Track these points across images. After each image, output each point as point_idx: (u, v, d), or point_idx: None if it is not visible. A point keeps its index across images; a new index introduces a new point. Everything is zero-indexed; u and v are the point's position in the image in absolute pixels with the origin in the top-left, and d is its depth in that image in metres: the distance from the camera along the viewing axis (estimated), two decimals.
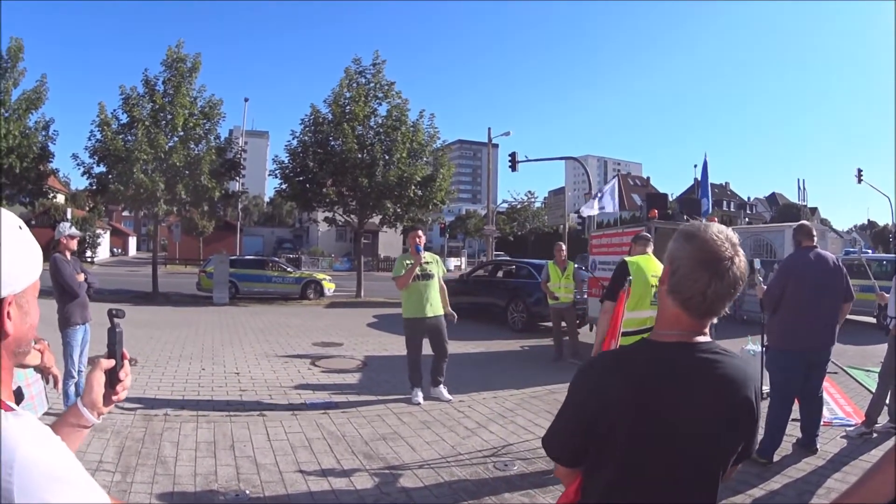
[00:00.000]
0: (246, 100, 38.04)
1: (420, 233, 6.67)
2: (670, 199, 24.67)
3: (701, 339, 1.51)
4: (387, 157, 18.83)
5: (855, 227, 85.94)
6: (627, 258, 4.94)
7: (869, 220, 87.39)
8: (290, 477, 4.33)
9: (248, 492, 4.04)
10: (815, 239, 5.52)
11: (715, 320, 1.55)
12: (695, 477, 1.47)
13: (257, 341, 10.66)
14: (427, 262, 6.69)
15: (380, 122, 19.38)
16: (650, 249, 5.18)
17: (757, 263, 7.23)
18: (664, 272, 1.52)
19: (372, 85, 19.53)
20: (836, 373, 8.64)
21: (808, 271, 5.23)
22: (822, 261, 5.32)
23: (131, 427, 5.28)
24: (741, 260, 1.45)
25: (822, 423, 5.75)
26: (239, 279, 19.35)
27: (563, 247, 10.08)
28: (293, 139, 19.77)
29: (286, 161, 19.81)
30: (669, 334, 1.50)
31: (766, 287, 5.58)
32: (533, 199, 60.76)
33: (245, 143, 25.17)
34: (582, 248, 22.34)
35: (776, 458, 5.14)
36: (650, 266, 4.87)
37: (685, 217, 10.84)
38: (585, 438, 1.49)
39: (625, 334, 4.56)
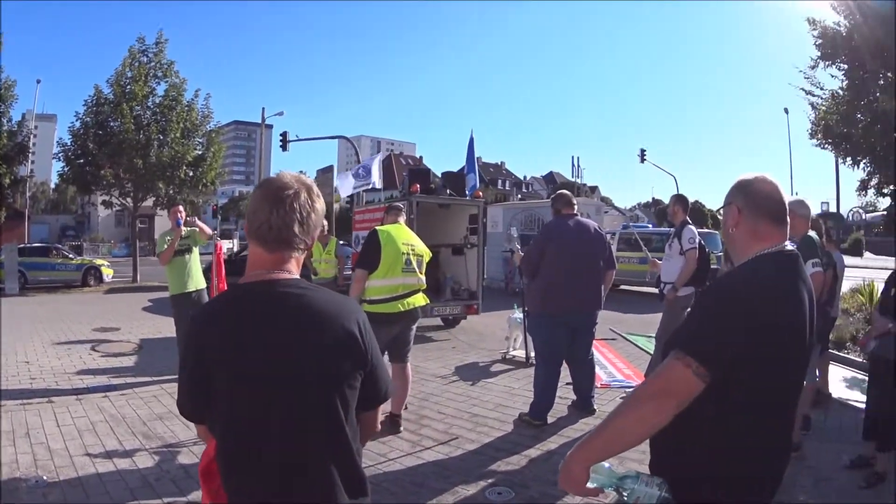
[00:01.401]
0: (38, 81, 34.28)
1: (180, 208, 6.60)
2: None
3: (284, 275, 1.56)
4: (161, 138, 18.73)
5: (639, 204, 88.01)
6: (378, 227, 5.09)
7: (654, 198, 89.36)
8: (80, 461, 4.48)
9: (45, 477, 4.13)
10: (576, 207, 5.60)
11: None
12: (309, 417, 1.48)
13: (44, 329, 10.59)
14: (186, 237, 6.66)
15: (157, 101, 19.10)
16: (402, 219, 5.34)
17: (514, 231, 7.59)
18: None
19: (153, 64, 19.08)
20: (614, 339, 9.46)
21: (566, 237, 5.27)
22: (583, 228, 5.38)
23: None
24: (309, 196, 1.58)
25: (598, 384, 6.03)
26: (27, 268, 18.42)
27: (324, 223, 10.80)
28: (76, 120, 18.90)
29: (68, 143, 18.92)
30: (252, 275, 1.57)
31: (523, 253, 5.67)
32: None
33: (35, 126, 22.71)
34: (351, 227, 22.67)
35: (551, 419, 5.32)
36: (401, 234, 5.06)
37: (448, 192, 11.18)
38: (198, 389, 1.53)
39: (377, 302, 4.83)
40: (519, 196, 76.20)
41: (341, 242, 9.84)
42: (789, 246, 1.72)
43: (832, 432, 5.29)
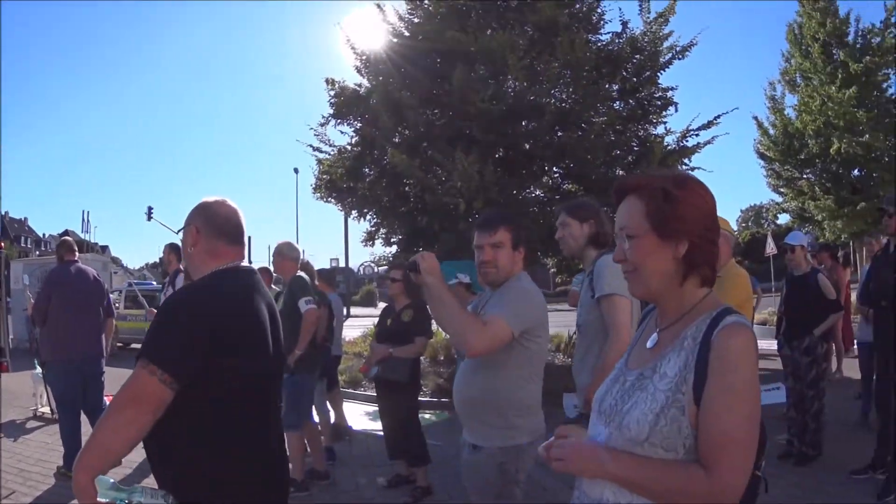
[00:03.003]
0: None
1: None
2: None
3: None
4: None
5: (147, 265, 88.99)
6: None
7: (161, 258, 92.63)
8: None
9: None
10: (77, 253, 5.80)
11: None
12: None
13: None
14: None
15: None
16: None
17: (26, 279, 8.25)
18: None
19: None
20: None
21: (69, 284, 5.45)
22: (84, 275, 5.60)
23: None
24: None
25: None
26: None
27: None
28: None
29: None
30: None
31: (34, 301, 5.71)
32: None
33: None
34: None
35: None
36: None
37: None
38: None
39: None
40: (38, 253, 68.31)
41: None
42: (245, 263, 1.98)
43: (362, 459, 5.83)
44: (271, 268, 6.42)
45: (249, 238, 26.39)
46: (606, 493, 1.34)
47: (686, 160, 10.00)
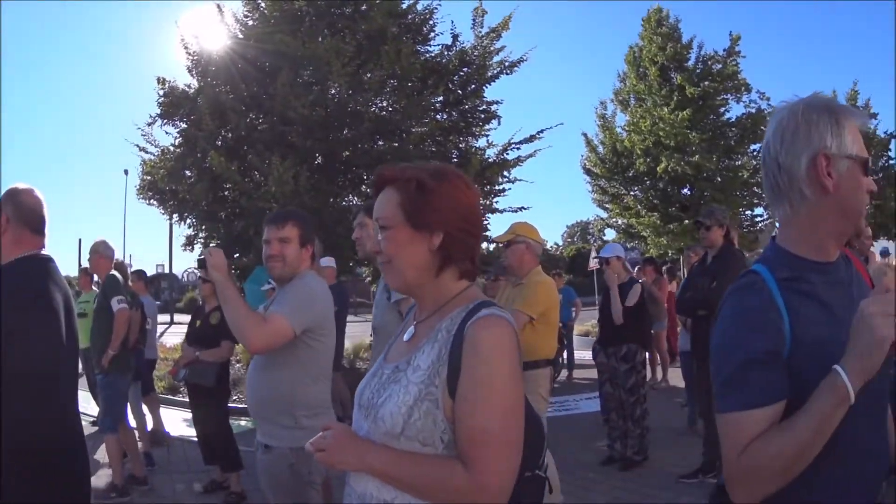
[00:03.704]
0: None
1: None
2: None
3: None
4: None
5: None
6: None
7: None
8: None
9: None
10: None
11: None
12: None
13: None
14: None
15: None
16: None
17: None
18: None
19: None
20: None
21: None
22: None
23: None
24: None
25: None
26: None
27: None
28: None
29: None
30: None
31: None
32: None
33: None
34: None
35: None
36: None
37: None
38: None
39: None
40: None
41: None
42: (44, 252, 2.11)
43: (179, 465, 5.81)
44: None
45: (80, 241, 24.80)
46: (370, 487, 1.30)
47: (506, 172, 10.41)
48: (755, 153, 17.54)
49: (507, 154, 10.55)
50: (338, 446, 1.31)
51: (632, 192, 18.63)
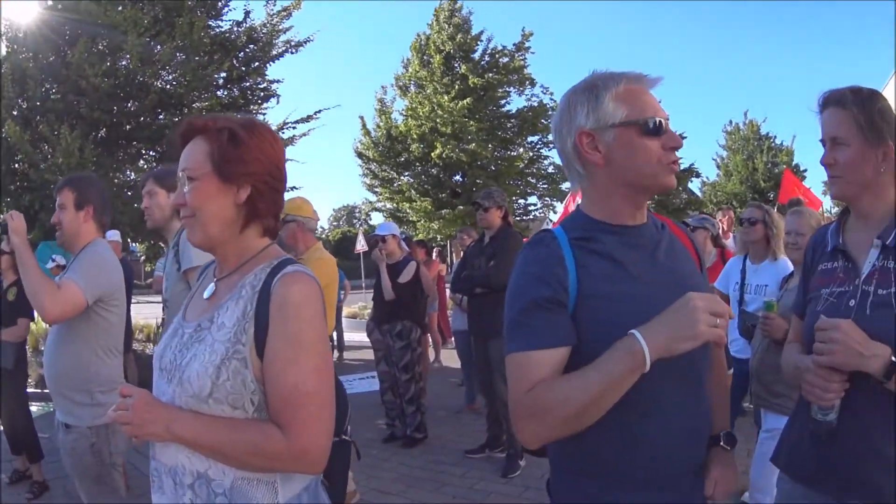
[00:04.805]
0: None
1: None
2: None
3: None
4: None
5: None
6: None
7: None
8: None
9: None
10: None
11: None
12: None
13: None
14: None
15: None
16: None
17: None
18: None
19: None
20: None
21: None
22: None
23: None
24: None
25: None
26: None
27: None
28: None
29: None
30: None
31: None
32: None
33: None
34: None
35: None
36: None
37: None
38: None
39: None
40: None
41: None
42: None
43: None
44: None
45: None
46: (181, 458, 1.21)
47: None
48: (532, 144, 18.81)
49: (283, 133, 10.38)
50: (141, 414, 1.19)
51: (403, 177, 18.73)
